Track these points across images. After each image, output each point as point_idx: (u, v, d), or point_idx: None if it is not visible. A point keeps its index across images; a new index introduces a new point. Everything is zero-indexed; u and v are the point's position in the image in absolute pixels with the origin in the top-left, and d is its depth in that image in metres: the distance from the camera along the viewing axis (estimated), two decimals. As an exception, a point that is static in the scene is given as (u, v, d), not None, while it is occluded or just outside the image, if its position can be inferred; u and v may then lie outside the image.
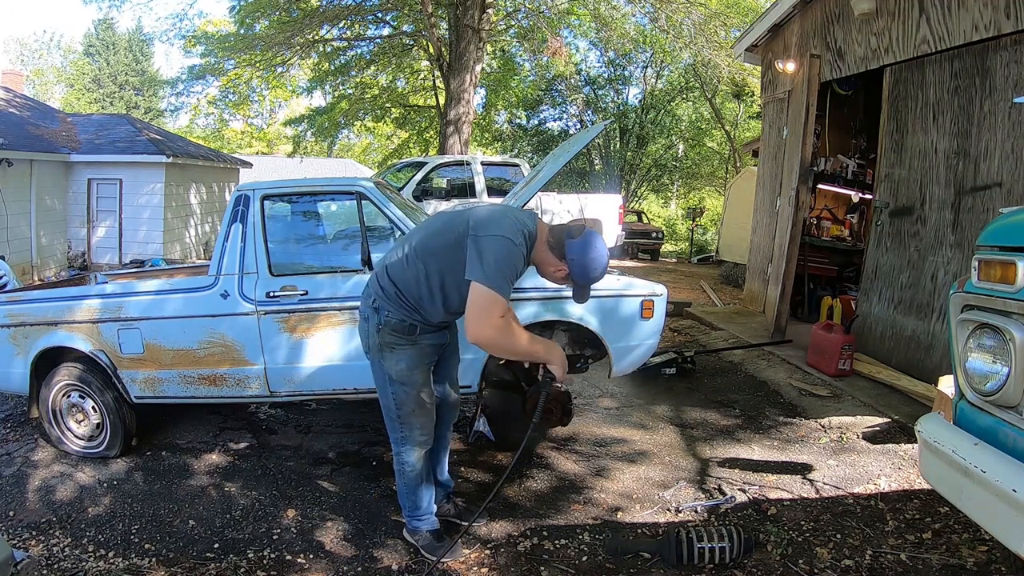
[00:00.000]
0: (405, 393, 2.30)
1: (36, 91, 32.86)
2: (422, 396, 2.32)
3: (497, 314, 2.00)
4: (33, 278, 9.69)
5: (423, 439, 2.37)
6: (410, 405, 2.31)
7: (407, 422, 2.33)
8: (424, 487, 2.44)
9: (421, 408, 2.33)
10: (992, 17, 3.66)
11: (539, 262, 2.21)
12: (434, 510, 2.51)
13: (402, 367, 2.26)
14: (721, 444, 3.54)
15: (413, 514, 2.46)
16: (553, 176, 3.75)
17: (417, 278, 2.18)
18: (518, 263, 2.09)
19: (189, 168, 12.37)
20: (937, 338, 4.09)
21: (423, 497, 2.45)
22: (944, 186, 4.16)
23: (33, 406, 3.35)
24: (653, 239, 15.20)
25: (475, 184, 8.82)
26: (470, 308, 2.01)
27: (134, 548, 2.54)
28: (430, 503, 2.48)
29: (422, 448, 2.38)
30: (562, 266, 2.16)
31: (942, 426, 1.83)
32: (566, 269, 2.17)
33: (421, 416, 2.34)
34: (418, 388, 2.30)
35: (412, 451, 2.36)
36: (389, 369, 2.27)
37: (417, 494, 2.43)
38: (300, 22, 12.32)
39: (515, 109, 22.02)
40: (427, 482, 2.45)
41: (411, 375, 2.28)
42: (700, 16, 11.59)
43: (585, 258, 2.13)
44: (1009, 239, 1.72)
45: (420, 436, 2.36)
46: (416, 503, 2.44)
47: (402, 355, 2.25)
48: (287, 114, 22.02)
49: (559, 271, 2.19)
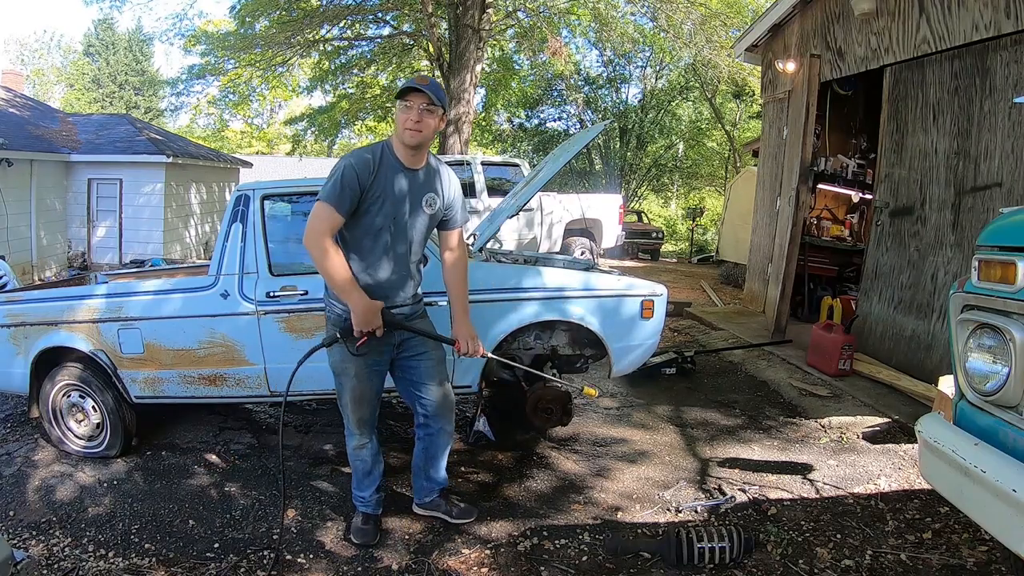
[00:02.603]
0: (340, 384, 2.41)
1: (36, 91, 32.85)
2: (355, 391, 2.39)
3: (319, 219, 2.17)
4: (33, 278, 9.69)
5: (356, 433, 2.48)
6: (344, 397, 2.42)
7: (344, 412, 2.47)
8: (367, 478, 2.55)
9: (354, 403, 2.42)
10: (992, 17, 3.66)
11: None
12: (371, 498, 2.58)
13: (336, 358, 2.38)
14: (721, 444, 3.54)
15: (354, 493, 2.62)
16: (553, 176, 3.75)
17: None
18: (356, 173, 2.18)
19: (189, 168, 12.37)
20: (937, 338, 4.09)
21: (362, 484, 2.57)
22: (944, 186, 4.16)
23: (33, 406, 3.35)
24: (653, 239, 15.19)
25: (475, 184, 8.82)
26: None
27: (134, 548, 2.53)
28: (371, 493, 2.58)
29: (357, 441, 2.49)
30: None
31: (942, 426, 1.83)
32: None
33: (355, 411, 2.43)
34: (350, 381, 2.38)
35: (350, 439, 2.51)
36: (329, 358, 2.40)
37: (356, 479, 2.58)
38: (300, 22, 12.32)
39: (515, 109, 22.03)
40: (371, 475, 2.55)
41: (343, 367, 2.37)
42: (700, 16, 11.59)
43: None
44: (1009, 239, 1.72)
45: (354, 429, 2.47)
46: (356, 485, 2.59)
47: (336, 347, 2.33)
48: (287, 114, 22.02)
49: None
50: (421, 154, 2.30)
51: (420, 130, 2.18)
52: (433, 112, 2.20)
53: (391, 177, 2.24)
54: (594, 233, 9.73)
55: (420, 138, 2.20)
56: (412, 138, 2.19)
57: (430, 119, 2.20)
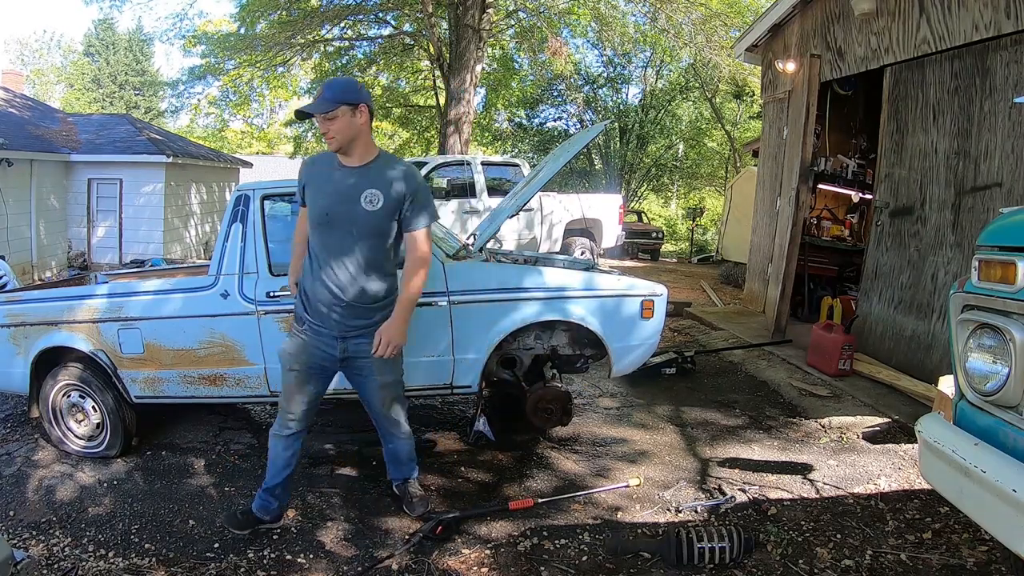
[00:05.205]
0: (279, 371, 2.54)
1: (36, 91, 32.84)
2: (284, 381, 2.49)
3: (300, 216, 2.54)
4: (33, 278, 9.69)
5: (279, 420, 2.50)
6: (281, 384, 2.53)
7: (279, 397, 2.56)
8: (270, 468, 2.54)
9: (282, 392, 2.51)
10: (992, 17, 3.66)
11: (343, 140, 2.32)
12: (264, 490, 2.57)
13: (283, 346, 2.52)
14: (721, 444, 3.54)
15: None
16: (553, 176, 3.75)
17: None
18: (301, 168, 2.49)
19: (189, 168, 12.36)
20: (937, 338, 4.09)
21: (267, 474, 2.56)
22: (944, 186, 4.16)
23: (33, 406, 3.36)
24: (653, 239, 15.18)
25: (475, 184, 8.81)
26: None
27: (134, 548, 2.54)
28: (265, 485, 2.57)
29: (275, 427, 2.52)
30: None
31: (942, 426, 1.83)
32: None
33: (280, 400, 2.52)
34: (283, 372, 2.48)
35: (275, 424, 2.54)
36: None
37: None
38: (301, 22, 12.32)
39: (515, 109, 22.02)
40: (273, 469, 2.53)
41: (283, 356, 2.49)
42: (700, 16, 11.59)
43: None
44: (1009, 239, 1.72)
45: (279, 415, 2.51)
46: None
47: (289, 335, 2.51)
48: (287, 114, 22.00)
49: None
50: (354, 153, 2.34)
51: (332, 136, 2.28)
52: (333, 117, 2.24)
53: (324, 173, 2.38)
54: (594, 233, 9.73)
55: (336, 143, 2.29)
56: (330, 145, 2.32)
57: (333, 123, 2.25)
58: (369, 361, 2.43)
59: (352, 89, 2.31)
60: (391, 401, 2.58)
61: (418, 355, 3.12)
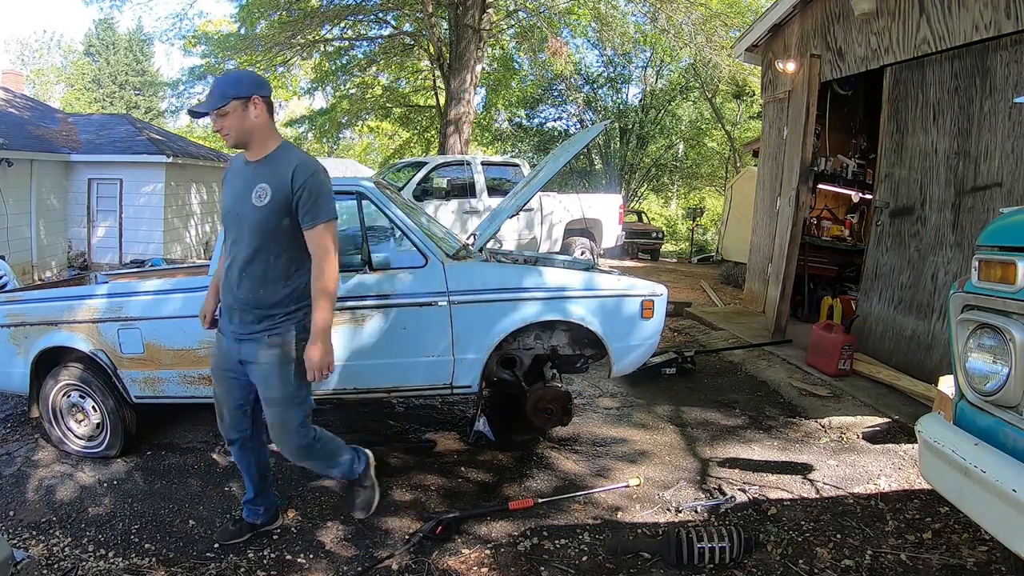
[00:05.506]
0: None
1: (36, 91, 32.83)
2: (213, 389, 2.44)
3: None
4: (33, 278, 9.69)
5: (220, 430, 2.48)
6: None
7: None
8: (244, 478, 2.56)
9: (215, 400, 2.45)
10: (992, 17, 3.66)
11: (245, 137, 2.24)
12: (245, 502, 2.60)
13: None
14: (721, 444, 3.54)
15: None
16: (553, 176, 3.75)
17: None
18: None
19: (189, 168, 12.36)
20: (937, 338, 4.09)
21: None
22: (944, 186, 4.16)
23: (33, 406, 3.35)
24: (653, 239, 15.18)
25: (475, 184, 8.81)
26: None
27: (134, 548, 2.54)
28: (245, 500, 2.60)
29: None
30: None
31: (942, 426, 1.83)
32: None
33: (215, 407, 2.46)
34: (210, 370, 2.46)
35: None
36: None
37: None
38: (301, 22, 12.32)
39: (515, 109, 22.02)
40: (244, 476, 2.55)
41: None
42: (700, 16, 11.59)
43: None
44: (1009, 239, 1.72)
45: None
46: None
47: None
48: (288, 115, 21.98)
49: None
50: (253, 148, 2.23)
51: (226, 133, 2.19)
52: (224, 113, 2.15)
53: (234, 171, 2.32)
54: (594, 233, 9.73)
55: (232, 139, 2.21)
56: (227, 141, 2.25)
57: (225, 119, 2.16)
58: (255, 367, 2.25)
59: (243, 82, 2.18)
60: (277, 418, 2.29)
61: (418, 355, 3.12)
